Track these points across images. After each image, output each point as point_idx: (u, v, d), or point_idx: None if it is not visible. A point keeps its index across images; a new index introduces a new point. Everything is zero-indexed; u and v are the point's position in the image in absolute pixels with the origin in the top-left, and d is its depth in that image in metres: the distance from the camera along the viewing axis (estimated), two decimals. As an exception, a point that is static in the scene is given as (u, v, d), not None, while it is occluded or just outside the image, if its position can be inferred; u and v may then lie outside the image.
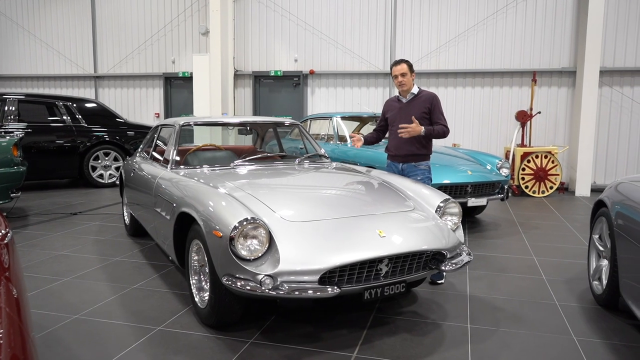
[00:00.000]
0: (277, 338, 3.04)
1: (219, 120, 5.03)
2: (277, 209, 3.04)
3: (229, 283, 2.73)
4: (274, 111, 11.09)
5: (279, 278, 2.65)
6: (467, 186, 5.86)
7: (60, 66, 12.34)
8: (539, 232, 6.01)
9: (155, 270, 4.32)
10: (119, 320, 3.28)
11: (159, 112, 11.83)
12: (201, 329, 3.16)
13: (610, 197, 3.58)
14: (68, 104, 8.82)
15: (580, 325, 3.29)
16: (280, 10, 10.68)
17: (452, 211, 3.43)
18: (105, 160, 8.96)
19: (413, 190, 3.66)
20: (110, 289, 3.86)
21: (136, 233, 5.35)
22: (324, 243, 2.81)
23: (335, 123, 7.45)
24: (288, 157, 4.83)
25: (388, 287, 2.88)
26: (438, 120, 4.19)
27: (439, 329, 3.22)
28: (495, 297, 3.79)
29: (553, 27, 9.42)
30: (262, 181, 3.80)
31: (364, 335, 3.09)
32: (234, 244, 2.70)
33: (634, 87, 9.24)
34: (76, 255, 4.77)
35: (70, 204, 7.41)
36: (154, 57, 11.73)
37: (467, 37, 9.79)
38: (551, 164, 8.62)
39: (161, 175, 4.05)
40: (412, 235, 3.05)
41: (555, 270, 4.49)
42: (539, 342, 3.05)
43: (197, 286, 3.32)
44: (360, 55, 10.33)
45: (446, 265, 3.07)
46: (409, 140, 4.15)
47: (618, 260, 3.27)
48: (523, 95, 9.62)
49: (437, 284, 3.99)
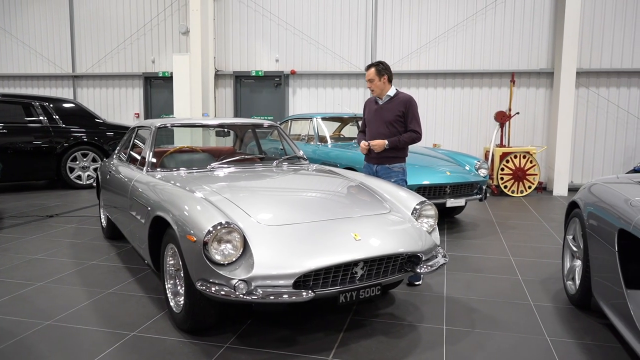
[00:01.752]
0: (253, 342, 3.03)
1: (196, 122, 4.98)
2: (252, 213, 3.03)
3: (203, 288, 2.71)
4: (255, 111, 11.05)
5: (253, 283, 2.64)
6: (446, 187, 5.90)
7: (38, 65, 12.14)
8: (516, 232, 6.08)
9: (131, 274, 4.27)
10: (93, 326, 3.23)
11: (138, 112, 11.70)
12: (176, 334, 3.13)
13: (583, 198, 3.63)
14: (45, 104, 8.67)
15: (554, 326, 3.34)
16: (261, 10, 10.63)
17: (428, 213, 3.45)
18: (83, 161, 8.84)
19: (390, 193, 3.67)
20: (84, 294, 3.81)
21: (113, 236, 5.28)
22: (299, 247, 2.80)
23: (315, 124, 7.45)
24: (266, 159, 4.81)
25: (363, 290, 2.88)
26: (410, 124, 4.21)
27: (415, 331, 3.24)
28: (471, 298, 3.82)
29: (531, 28, 9.54)
30: (239, 184, 3.78)
31: (340, 338, 3.09)
32: (207, 248, 2.68)
33: (610, 88, 9.40)
34: (51, 259, 4.69)
35: (46, 206, 7.29)
36: (133, 56, 11.60)
37: (447, 38, 9.86)
38: (529, 164, 8.73)
39: (137, 178, 4.00)
40: (388, 238, 3.06)
41: (531, 270, 4.54)
42: (512, 343, 3.08)
43: (173, 290, 3.28)
44: (341, 55, 10.34)
45: (421, 268, 3.09)
46: None
47: (590, 260, 3.33)
48: (502, 96, 9.73)
49: (415, 285, 4.01)
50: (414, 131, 4.24)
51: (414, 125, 4.25)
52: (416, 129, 4.23)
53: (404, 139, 4.18)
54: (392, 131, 4.24)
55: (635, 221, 2.73)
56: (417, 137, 4.21)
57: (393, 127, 4.24)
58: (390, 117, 4.21)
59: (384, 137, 4.20)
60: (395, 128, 4.25)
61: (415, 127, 4.24)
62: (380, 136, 4.20)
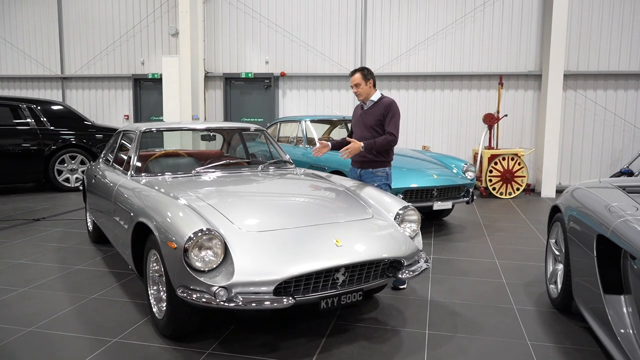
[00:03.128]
0: (235, 348, 3.03)
1: (183, 126, 4.98)
2: (234, 219, 3.03)
3: (184, 295, 2.71)
4: (245, 113, 11.04)
5: (233, 289, 2.64)
6: (433, 190, 5.92)
7: (26, 67, 12.06)
8: (503, 234, 6.12)
9: (116, 279, 4.26)
10: (75, 332, 3.22)
11: (128, 114, 11.65)
12: (159, 340, 3.12)
13: (564, 203, 3.67)
14: (32, 107, 8.63)
15: (536, 330, 3.36)
16: (250, 12, 10.63)
17: (411, 218, 3.47)
18: (71, 163, 8.79)
19: (373, 198, 3.68)
20: (68, 299, 3.79)
21: (99, 240, 5.26)
22: (280, 253, 2.80)
23: (304, 126, 7.45)
24: (252, 163, 4.81)
25: (345, 295, 2.89)
26: (387, 126, 4.17)
27: (397, 335, 3.25)
28: (454, 302, 3.84)
29: (519, 31, 9.60)
30: (222, 189, 3.78)
31: (323, 344, 3.10)
32: (188, 255, 2.68)
33: (597, 91, 9.48)
34: (35, 264, 4.67)
35: (33, 209, 7.25)
36: (122, 58, 11.55)
37: (436, 40, 9.90)
38: (517, 165, 8.78)
39: (121, 183, 3.99)
40: (370, 244, 3.07)
41: (516, 273, 4.57)
42: (494, 347, 3.10)
43: (156, 296, 3.28)
44: (331, 57, 10.35)
45: (403, 273, 3.10)
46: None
47: (571, 264, 3.36)
48: (491, 98, 9.78)
49: (400, 289, 4.03)
50: (389, 133, 4.18)
51: (390, 128, 4.19)
52: (392, 132, 4.17)
53: (379, 142, 4.12)
54: (374, 135, 4.21)
55: (612, 227, 2.76)
56: (392, 140, 4.16)
57: (375, 132, 4.22)
58: (372, 122, 4.22)
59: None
60: (377, 132, 4.22)
61: (392, 129, 4.18)
62: (363, 140, 4.21)
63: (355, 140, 4.10)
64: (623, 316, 2.68)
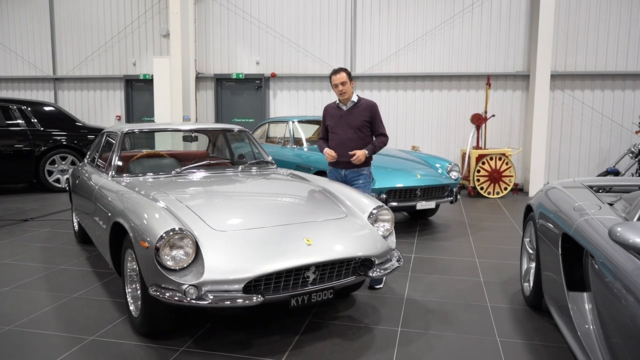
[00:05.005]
0: (209, 345, 3.08)
1: (165, 127, 5.04)
2: (208, 219, 3.08)
3: (157, 293, 2.76)
4: (237, 114, 11.09)
5: (203, 288, 2.69)
6: (417, 189, 5.98)
7: (18, 68, 12.10)
8: (486, 233, 6.18)
9: (98, 278, 4.31)
10: (53, 331, 3.28)
11: (120, 114, 11.70)
12: (135, 338, 3.18)
13: (536, 201, 3.73)
14: (23, 108, 8.67)
15: (506, 327, 3.42)
16: (241, 13, 10.68)
17: (384, 218, 3.52)
18: (62, 164, 8.84)
19: (349, 197, 3.74)
20: (49, 299, 3.84)
21: (85, 240, 5.31)
22: (251, 252, 2.86)
23: (291, 127, 7.51)
24: (234, 164, 4.87)
25: (315, 294, 2.95)
26: (378, 129, 4.42)
27: (370, 333, 3.31)
28: (430, 300, 3.90)
29: (507, 32, 9.67)
30: (200, 189, 3.84)
31: (295, 341, 3.16)
32: (159, 254, 2.74)
33: (585, 91, 9.56)
34: (20, 263, 4.72)
35: (22, 209, 7.30)
36: (114, 59, 11.59)
37: (425, 41, 9.97)
38: (505, 165, 8.85)
39: (101, 184, 4.05)
40: (341, 243, 3.13)
41: (494, 271, 4.64)
42: (463, 344, 3.17)
43: (132, 295, 3.33)
44: (321, 58, 10.41)
45: (374, 272, 3.16)
46: (348, 147, 4.26)
47: (540, 262, 3.42)
48: (479, 98, 9.85)
49: (375, 289, 4.08)
50: (383, 135, 4.47)
51: (382, 129, 4.49)
52: (384, 133, 4.48)
53: (379, 144, 4.42)
54: (360, 136, 4.36)
55: (575, 225, 2.82)
56: (386, 141, 4.48)
57: (361, 132, 4.38)
58: (357, 123, 4.32)
59: (353, 143, 4.30)
60: (363, 133, 4.40)
61: (383, 130, 4.48)
62: (349, 142, 4.30)
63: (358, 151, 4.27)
64: (585, 313, 2.74)
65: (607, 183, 3.94)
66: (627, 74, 9.36)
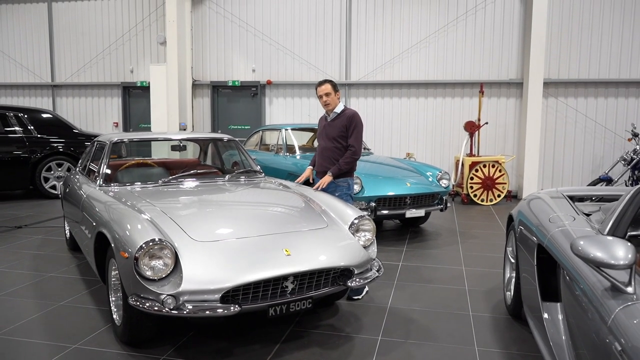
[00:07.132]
0: (190, 354, 3.13)
1: (158, 137, 5.10)
2: (189, 230, 3.13)
3: (137, 303, 2.81)
4: (233, 121, 11.16)
5: (181, 297, 2.74)
6: (406, 197, 6.02)
7: (17, 75, 12.20)
8: (476, 241, 6.21)
9: (86, 286, 4.36)
10: (37, 339, 3.32)
11: (117, 121, 11.78)
12: (117, 346, 3.22)
13: (517, 210, 3.77)
14: (19, 115, 8.75)
15: (486, 336, 3.46)
16: (237, 21, 10.77)
17: (365, 227, 3.57)
18: (58, 171, 8.90)
19: (332, 207, 3.78)
20: (36, 306, 3.89)
21: (76, 247, 5.33)
22: (229, 263, 2.91)
23: (284, 134, 7.56)
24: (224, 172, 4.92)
25: (294, 303, 2.99)
26: (349, 139, 4.31)
27: (350, 342, 3.35)
28: (413, 309, 3.94)
29: (501, 40, 9.74)
30: (185, 199, 3.89)
31: (275, 350, 3.20)
32: (138, 264, 2.78)
33: (578, 98, 9.61)
34: (10, 271, 4.77)
35: (18, 216, 7.36)
36: (112, 66, 11.69)
37: (419, 49, 10.03)
38: (498, 172, 8.89)
39: (88, 193, 4.10)
40: (320, 253, 3.17)
41: (479, 280, 4.67)
42: (441, 353, 3.20)
43: (116, 304, 3.38)
44: (316, 66, 10.48)
45: (353, 282, 3.20)
46: (326, 158, 4.32)
47: (520, 272, 3.46)
48: (473, 106, 9.89)
49: (354, 300, 4.07)
50: (351, 146, 4.30)
51: (352, 140, 4.30)
52: (353, 144, 4.29)
53: (343, 164, 4.27)
54: (336, 146, 4.34)
55: (549, 236, 2.87)
56: (354, 153, 4.29)
57: (338, 143, 4.35)
58: (334, 133, 4.34)
59: (330, 153, 4.33)
60: (340, 143, 4.34)
61: (353, 142, 4.29)
62: (326, 151, 4.34)
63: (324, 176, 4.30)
64: (557, 323, 2.78)
65: (589, 193, 3.99)
66: (620, 81, 9.41)
